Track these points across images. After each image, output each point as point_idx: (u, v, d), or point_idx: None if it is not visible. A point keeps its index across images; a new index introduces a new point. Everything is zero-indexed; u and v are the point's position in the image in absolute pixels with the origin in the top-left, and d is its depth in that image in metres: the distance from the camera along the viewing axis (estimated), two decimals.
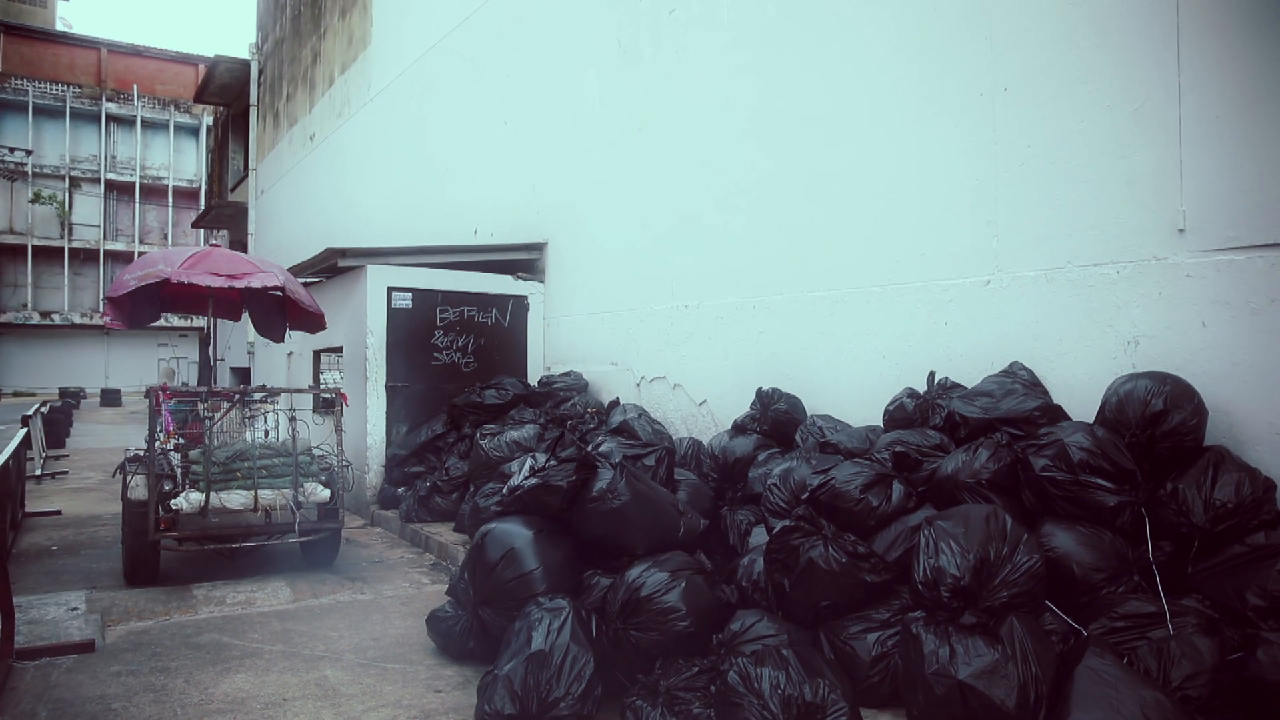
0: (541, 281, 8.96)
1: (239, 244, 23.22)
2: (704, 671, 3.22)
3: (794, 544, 3.44)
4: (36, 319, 36.04)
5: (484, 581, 3.91)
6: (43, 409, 14.46)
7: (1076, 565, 3.29)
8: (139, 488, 5.18)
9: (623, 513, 3.91)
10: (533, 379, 8.68)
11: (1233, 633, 3.07)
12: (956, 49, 4.83)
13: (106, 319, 6.48)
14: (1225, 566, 3.26)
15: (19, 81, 36.56)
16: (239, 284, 6.21)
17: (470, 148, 10.43)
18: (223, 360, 23.81)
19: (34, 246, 36.49)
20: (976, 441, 3.86)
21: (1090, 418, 3.89)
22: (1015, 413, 4.02)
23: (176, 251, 6.48)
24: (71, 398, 26.21)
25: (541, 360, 8.95)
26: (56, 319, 35.56)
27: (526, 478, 4.12)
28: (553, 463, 4.07)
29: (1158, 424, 3.47)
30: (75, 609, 4.80)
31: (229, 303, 7.73)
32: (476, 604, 3.93)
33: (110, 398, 28.94)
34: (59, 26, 40.09)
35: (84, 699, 3.59)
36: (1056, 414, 4.02)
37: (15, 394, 33.85)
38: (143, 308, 6.90)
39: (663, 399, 7.19)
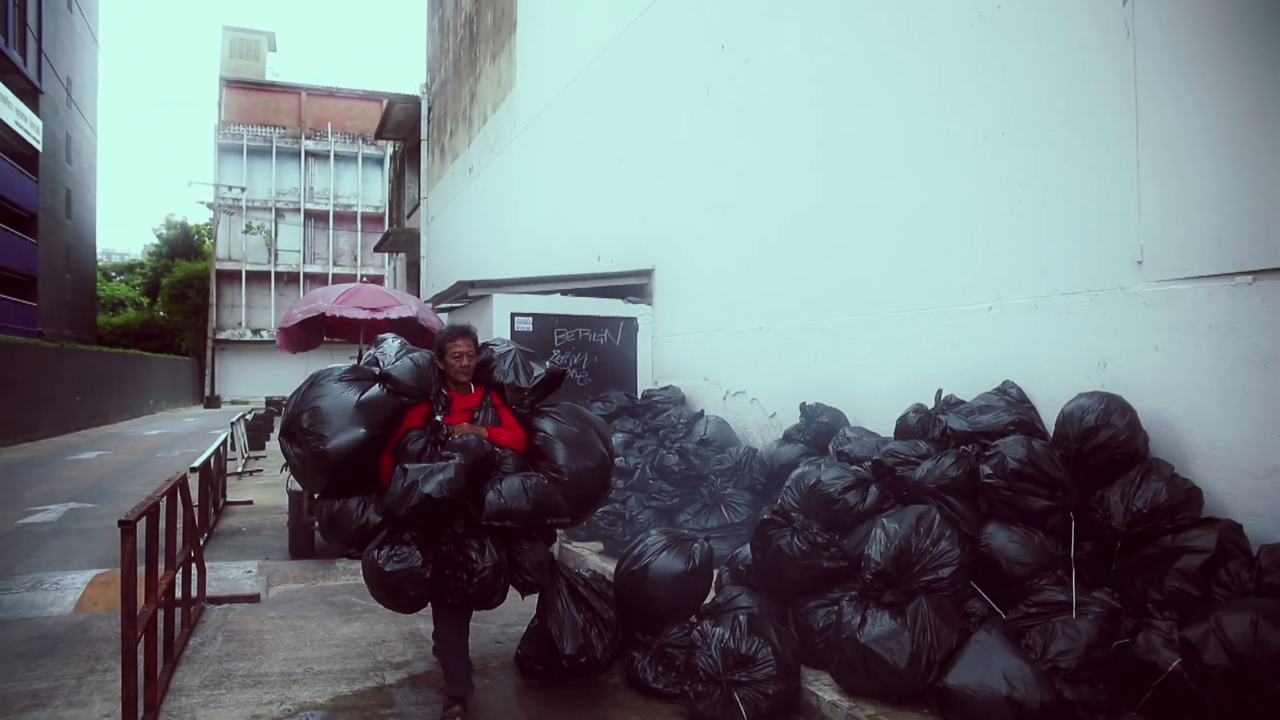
0: (650, 304, 9.89)
1: (414, 266, 25.66)
2: (689, 631, 4.02)
3: (768, 533, 4.17)
4: (249, 335, 40.98)
5: None
6: (247, 416, 16.95)
7: (1004, 560, 3.84)
8: (295, 480, 6.53)
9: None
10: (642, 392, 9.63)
11: (1131, 621, 3.55)
12: (965, 96, 5.36)
13: (278, 344, 8.02)
14: (1138, 565, 3.71)
15: (236, 128, 41.79)
16: (379, 316, 7.57)
17: (593, 182, 11.55)
18: None
19: (247, 272, 41.53)
20: (945, 451, 4.43)
21: None
22: (992, 427, 4.54)
23: (334, 289, 7.94)
24: (275, 406, 29.72)
25: (650, 375, 9.88)
26: (265, 335, 40.24)
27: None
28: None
29: (1090, 438, 3.95)
30: (250, 572, 6.22)
31: (379, 329, 9.18)
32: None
33: None
34: (268, 76, 45.35)
35: (247, 631, 4.88)
36: (1031, 429, 4.51)
37: (233, 402, 38.67)
38: (309, 335, 8.44)
39: (743, 411, 7.95)
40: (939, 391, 5.27)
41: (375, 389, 3.75)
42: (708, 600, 4.35)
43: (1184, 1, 4.07)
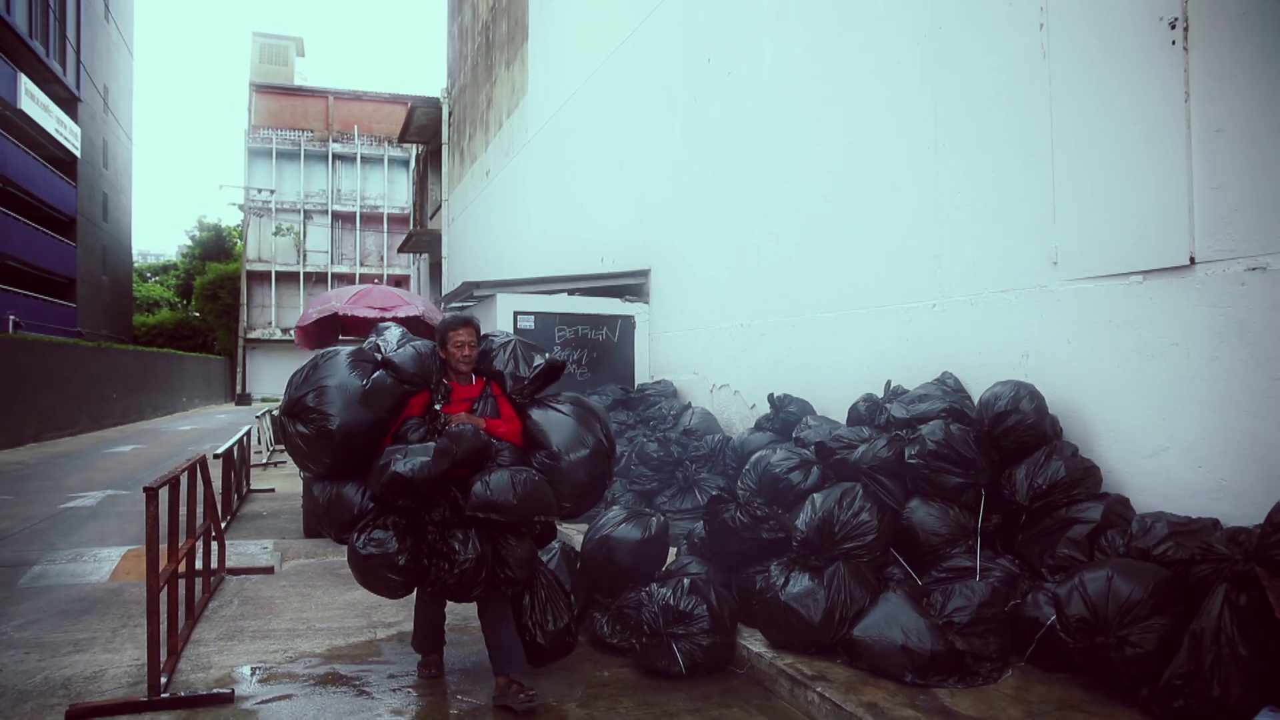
0: (646, 303, 10.40)
1: (436, 266, 26.33)
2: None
3: (716, 508, 4.66)
4: (279, 335, 42.02)
5: None
6: (273, 411, 17.66)
7: (922, 531, 4.29)
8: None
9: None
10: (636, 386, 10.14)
11: (1026, 584, 4.00)
12: (912, 111, 5.80)
13: (296, 341, 8.63)
14: (1038, 535, 4.16)
15: (265, 131, 42.85)
16: (388, 315, 8.13)
17: (597, 186, 12.07)
18: None
19: (276, 272, 42.57)
20: (880, 435, 4.89)
21: None
22: (927, 414, 4.98)
23: (346, 289, 8.53)
24: None
25: (647, 370, 10.38)
26: (294, 334, 41.23)
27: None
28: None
29: (1001, 422, 4.40)
30: (266, 548, 6.83)
31: None
32: None
33: None
34: (297, 81, 46.38)
35: (260, 597, 5.46)
36: (961, 415, 4.94)
37: (263, 399, 39.72)
38: (325, 333, 9.04)
39: (727, 404, 8.43)
40: (888, 382, 5.72)
41: (380, 373, 3.80)
42: (664, 568, 4.85)
43: (1090, 27, 4.50)
